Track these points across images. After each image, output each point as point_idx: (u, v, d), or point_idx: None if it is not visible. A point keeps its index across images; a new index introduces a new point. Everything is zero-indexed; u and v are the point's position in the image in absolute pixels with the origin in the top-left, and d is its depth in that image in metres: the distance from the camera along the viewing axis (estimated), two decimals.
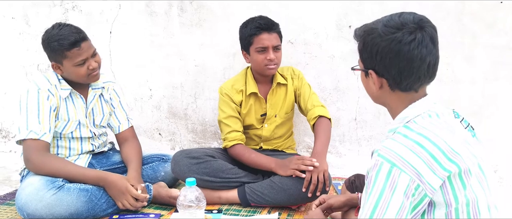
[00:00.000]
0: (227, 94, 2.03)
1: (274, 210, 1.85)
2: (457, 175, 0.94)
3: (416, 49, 0.97)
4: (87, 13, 2.67)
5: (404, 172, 0.92)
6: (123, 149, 2.05)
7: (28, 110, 1.76)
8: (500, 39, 2.13)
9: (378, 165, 0.95)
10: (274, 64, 1.96)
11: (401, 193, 0.91)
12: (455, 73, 2.21)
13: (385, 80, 1.05)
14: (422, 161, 0.92)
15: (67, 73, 1.82)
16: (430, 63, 1.00)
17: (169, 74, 2.65)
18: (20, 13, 2.80)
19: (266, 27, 1.93)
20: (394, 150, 0.95)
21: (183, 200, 1.47)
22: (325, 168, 1.77)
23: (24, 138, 1.73)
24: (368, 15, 2.26)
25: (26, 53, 2.83)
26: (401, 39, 0.97)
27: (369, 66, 1.06)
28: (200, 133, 2.68)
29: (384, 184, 0.93)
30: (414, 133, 0.97)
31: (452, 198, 0.94)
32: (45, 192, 1.65)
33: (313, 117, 1.98)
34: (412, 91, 1.05)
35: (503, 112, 2.20)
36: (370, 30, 1.04)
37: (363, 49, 1.06)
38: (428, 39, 0.98)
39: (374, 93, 1.11)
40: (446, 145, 0.95)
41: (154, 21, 2.60)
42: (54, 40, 1.73)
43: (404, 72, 1.00)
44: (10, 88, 2.91)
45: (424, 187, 0.92)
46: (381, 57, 1.01)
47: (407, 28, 0.98)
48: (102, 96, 2.01)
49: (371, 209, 0.94)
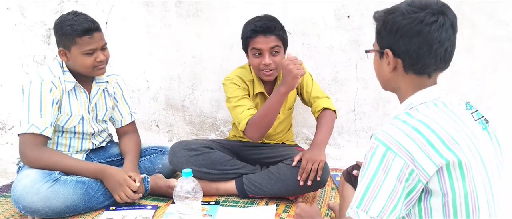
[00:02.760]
0: (235, 83, 1.93)
1: (271, 202, 1.85)
2: (456, 165, 0.93)
3: (436, 32, 0.97)
4: (83, 3, 2.64)
5: (399, 155, 0.92)
6: (122, 141, 2.04)
7: (30, 102, 1.72)
8: (501, 30, 2.11)
9: (373, 147, 0.96)
10: (270, 70, 1.84)
11: (394, 176, 0.92)
12: (455, 64, 2.16)
13: (400, 61, 1.04)
14: (417, 146, 0.92)
15: (72, 61, 1.78)
16: (447, 49, 1.00)
17: (166, 65, 2.62)
18: (15, 4, 2.77)
19: (262, 30, 1.81)
20: (391, 134, 0.95)
21: (179, 191, 1.46)
22: (322, 158, 1.76)
23: (25, 132, 1.70)
24: (366, 6, 2.24)
25: (21, 44, 2.80)
26: (423, 19, 0.98)
27: (386, 45, 1.06)
28: (198, 125, 2.67)
29: (378, 167, 0.94)
30: (414, 119, 0.97)
31: (449, 187, 0.94)
32: (42, 185, 1.63)
33: (318, 109, 1.95)
34: (425, 75, 1.05)
35: (503, 103, 2.19)
36: (392, 10, 1.04)
37: (382, 28, 1.06)
38: (449, 24, 0.99)
39: (386, 75, 1.10)
40: (446, 133, 0.95)
41: (150, 11, 2.57)
42: (68, 24, 1.71)
43: (422, 52, 1.00)
44: (5, 80, 2.89)
45: (418, 172, 0.92)
46: (401, 35, 1.01)
47: (430, 10, 0.98)
48: (106, 91, 1.98)
49: (363, 190, 0.95)
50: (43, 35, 2.78)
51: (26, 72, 2.84)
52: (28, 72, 2.84)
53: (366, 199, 0.94)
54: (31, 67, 2.83)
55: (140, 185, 1.78)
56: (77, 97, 1.86)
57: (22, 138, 1.72)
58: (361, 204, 0.94)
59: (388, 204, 0.92)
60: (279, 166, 1.84)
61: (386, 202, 0.92)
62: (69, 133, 1.88)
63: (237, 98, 1.90)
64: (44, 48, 2.79)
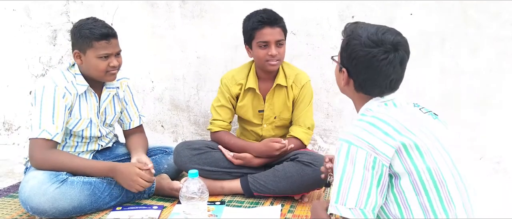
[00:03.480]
0: (226, 85, 2.02)
1: (277, 201, 1.85)
2: (413, 146, 1.05)
3: (384, 67, 1.12)
4: (88, 4, 2.66)
5: (361, 147, 1.05)
6: (129, 140, 2.06)
7: (42, 108, 1.74)
8: (505, 30, 2.10)
9: (339, 147, 1.09)
10: (276, 60, 1.89)
11: (361, 166, 1.04)
12: (459, 64, 2.19)
13: (352, 81, 1.21)
14: (373, 136, 1.06)
15: (86, 65, 1.80)
16: (392, 80, 1.16)
17: (171, 66, 2.64)
18: (21, 5, 2.79)
19: (269, 21, 1.86)
20: (351, 132, 1.10)
21: (185, 192, 1.47)
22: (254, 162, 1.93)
23: (37, 137, 1.71)
24: (371, 6, 2.24)
25: (27, 46, 2.83)
26: (375, 54, 1.12)
27: (344, 65, 1.21)
28: (203, 125, 2.68)
29: (345, 162, 1.06)
30: (368, 116, 1.13)
31: (412, 166, 1.05)
32: (49, 186, 1.64)
33: (291, 134, 2.00)
34: (373, 95, 1.21)
35: (508, 104, 2.18)
36: (356, 35, 1.16)
37: (345, 49, 1.20)
38: (398, 61, 1.13)
39: (341, 86, 1.28)
40: (397, 122, 1.08)
41: (155, 12, 2.58)
42: (87, 28, 1.75)
43: (369, 81, 1.16)
44: (12, 81, 2.91)
45: (379, 158, 1.04)
46: (355, 63, 1.16)
47: (383, 47, 1.12)
48: (116, 95, 2.00)
49: (337, 186, 1.06)
50: (49, 37, 2.80)
51: (32, 73, 2.86)
52: (34, 73, 2.86)
53: (342, 193, 1.05)
54: (37, 69, 2.85)
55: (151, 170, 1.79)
56: (87, 101, 1.87)
57: (32, 142, 1.73)
58: (338, 198, 1.05)
59: (362, 193, 1.03)
60: (284, 164, 1.86)
61: (360, 191, 1.03)
62: (77, 137, 1.90)
63: (219, 102, 2.05)
64: (50, 49, 2.81)
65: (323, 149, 2.50)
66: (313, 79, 2.36)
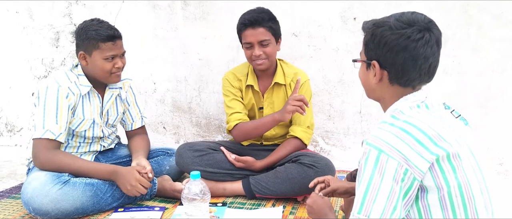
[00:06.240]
0: (228, 80, 2.06)
1: (278, 203, 1.85)
2: (445, 158, 0.96)
3: (422, 48, 1.02)
4: (90, 6, 2.66)
5: (392, 157, 0.95)
6: (132, 141, 2.07)
7: (45, 108, 1.75)
8: (507, 31, 2.10)
9: (366, 153, 0.99)
10: (261, 60, 1.91)
11: (390, 178, 0.95)
12: (461, 65, 2.19)
13: (386, 73, 1.08)
14: (407, 145, 0.96)
15: (92, 66, 1.81)
16: (431, 64, 1.05)
17: (173, 67, 2.64)
18: (24, 7, 2.80)
19: (250, 23, 1.88)
20: (381, 137, 0.98)
21: (187, 193, 1.47)
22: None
23: (40, 137, 1.73)
24: (372, 8, 2.24)
25: (30, 47, 2.84)
26: (410, 35, 1.02)
27: (373, 57, 1.09)
28: (204, 127, 2.68)
29: (373, 170, 0.96)
30: (400, 121, 1.01)
31: (443, 181, 0.96)
32: (51, 187, 1.65)
33: (291, 134, 1.99)
34: (409, 87, 1.09)
35: (510, 105, 2.18)
36: (381, 23, 1.07)
37: (370, 40, 1.09)
38: (434, 40, 1.03)
39: (371, 85, 1.14)
40: (432, 130, 0.98)
41: (157, 14, 2.59)
42: (93, 29, 1.77)
43: (407, 67, 1.04)
44: (14, 82, 2.92)
45: (412, 170, 0.95)
46: (388, 49, 1.04)
47: (417, 26, 1.02)
48: (119, 96, 2.01)
49: (362, 195, 0.97)
50: (51, 38, 2.81)
51: (34, 75, 2.87)
52: (36, 75, 2.87)
53: (366, 203, 0.96)
54: (40, 70, 2.86)
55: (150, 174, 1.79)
56: (90, 102, 1.88)
57: (36, 142, 1.74)
58: (361, 209, 0.96)
59: (388, 206, 0.94)
60: (286, 166, 1.86)
61: (386, 204, 0.94)
62: (79, 137, 1.91)
63: (229, 98, 2.04)
64: (52, 51, 2.82)
65: (325, 150, 2.50)
66: (315, 80, 2.37)
